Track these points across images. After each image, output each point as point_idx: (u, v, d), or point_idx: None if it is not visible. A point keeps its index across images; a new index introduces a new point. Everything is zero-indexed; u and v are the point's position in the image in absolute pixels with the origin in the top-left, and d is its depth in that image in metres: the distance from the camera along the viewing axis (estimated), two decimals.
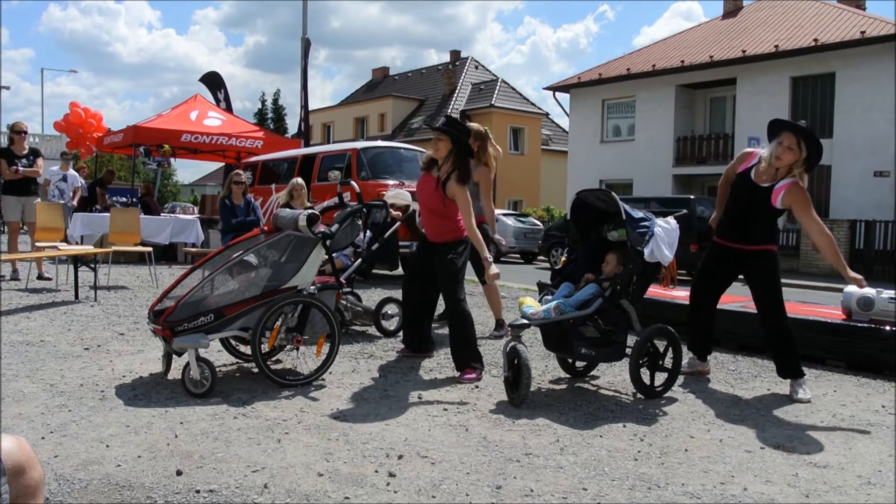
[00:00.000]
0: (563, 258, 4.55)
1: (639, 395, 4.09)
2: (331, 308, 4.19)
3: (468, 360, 4.39)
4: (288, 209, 4.95)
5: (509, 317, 5.66)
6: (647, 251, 3.91)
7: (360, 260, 5.27)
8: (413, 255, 4.81)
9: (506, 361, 3.86)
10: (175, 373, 4.06)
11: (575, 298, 4.01)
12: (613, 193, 4.20)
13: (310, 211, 4.23)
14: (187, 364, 3.80)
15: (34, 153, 8.45)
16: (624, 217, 4.01)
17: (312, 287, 4.16)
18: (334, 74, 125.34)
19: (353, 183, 5.65)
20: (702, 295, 4.60)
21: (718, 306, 4.69)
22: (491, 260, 4.29)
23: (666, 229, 4.03)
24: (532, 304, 4.00)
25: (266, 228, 4.55)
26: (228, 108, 16.65)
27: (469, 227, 4.37)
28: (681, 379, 4.44)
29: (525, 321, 3.89)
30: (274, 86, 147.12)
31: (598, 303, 3.93)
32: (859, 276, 4.03)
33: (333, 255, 4.54)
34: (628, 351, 4.05)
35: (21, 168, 8.18)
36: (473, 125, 5.68)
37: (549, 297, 4.12)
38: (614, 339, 4.02)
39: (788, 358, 4.25)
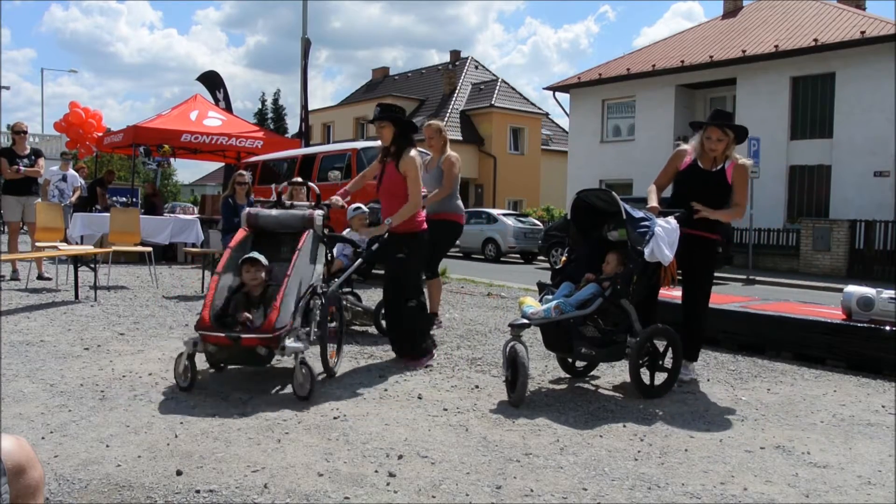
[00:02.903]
0: (564, 258, 4.57)
1: (639, 395, 4.09)
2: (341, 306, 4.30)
3: (423, 348, 4.65)
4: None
5: (509, 317, 5.66)
6: (647, 251, 3.92)
7: (359, 260, 5.27)
8: (380, 257, 4.86)
9: (506, 361, 3.86)
10: (174, 372, 4.04)
11: (575, 298, 4.01)
12: (614, 193, 4.21)
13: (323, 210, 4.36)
14: (183, 362, 3.80)
15: (35, 153, 8.46)
16: (624, 217, 4.02)
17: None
18: (335, 75, 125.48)
19: (310, 183, 5.39)
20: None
21: (718, 306, 4.70)
22: (387, 227, 4.48)
23: (666, 229, 4.03)
24: (532, 304, 4.00)
25: None
26: (228, 108, 16.63)
27: (413, 195, 4.53)
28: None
29: (525, 321, 3.89)
30: (274, 86, 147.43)
31: (599, 302, 3.93)
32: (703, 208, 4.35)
33: (333, 255, 4.57)
34: (628, 351, 4.06)
35: (22, 168, 8.18)
36: (435, 122, 5.98)
37: (550, 297, 4.12)
38: (614, 339, 4.02)
39: (695, 343, 4.57)
